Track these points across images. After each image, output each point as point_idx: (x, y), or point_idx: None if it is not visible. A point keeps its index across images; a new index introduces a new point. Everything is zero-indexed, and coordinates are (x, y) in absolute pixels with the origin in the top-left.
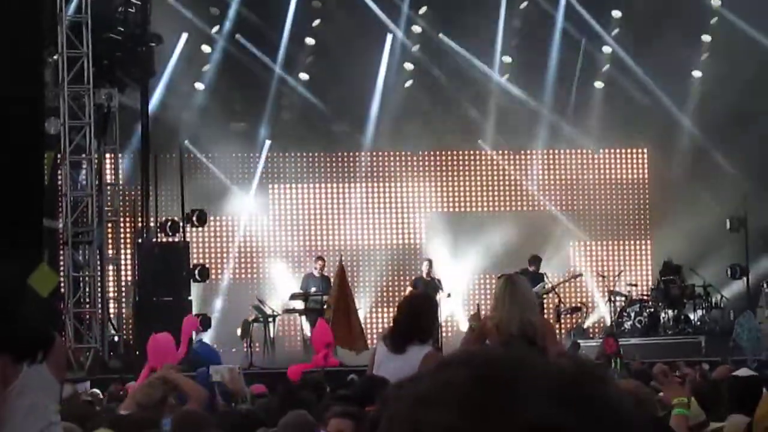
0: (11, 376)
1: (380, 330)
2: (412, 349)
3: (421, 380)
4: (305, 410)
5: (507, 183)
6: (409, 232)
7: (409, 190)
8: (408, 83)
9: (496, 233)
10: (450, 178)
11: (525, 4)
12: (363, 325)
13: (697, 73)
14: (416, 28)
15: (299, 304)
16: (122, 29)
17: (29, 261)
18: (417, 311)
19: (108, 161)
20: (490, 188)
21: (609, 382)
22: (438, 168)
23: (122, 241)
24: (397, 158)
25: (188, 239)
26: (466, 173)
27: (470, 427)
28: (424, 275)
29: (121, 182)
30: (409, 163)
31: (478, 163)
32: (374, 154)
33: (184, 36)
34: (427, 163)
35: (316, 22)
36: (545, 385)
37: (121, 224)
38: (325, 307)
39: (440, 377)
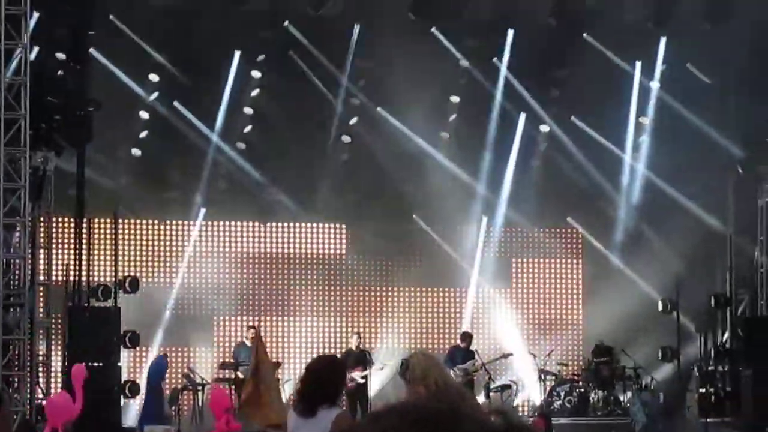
0: None
1: None
2: (321, 412)
3: None
4: None
5: (441, 259)
6: (341, 304)
7: (342, 263)
8: (345, 156)
9: (429, 309)
10: (384, 253)
11: (464, 80)
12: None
13: (633, 155)
14: (354, 101)
15: (229, 373)
16: (61, 93)
17: None
18: (322, 377)
19: (42, 224)
20: (425, 264)
21: None
22: (372, 242)
23: (53, 305)
24: (332, 231)
25: (120, 305)
26: (401, 249)
27: None
28: (354, 348)
29: (54, 246)
30: (344, 236)
31: (412, 238)
32: (309, 225)
33: (123, 102)
34: (361, 237)
35: (255, 92)
36: None
37: (53, 288)
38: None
39: (376, 427)
